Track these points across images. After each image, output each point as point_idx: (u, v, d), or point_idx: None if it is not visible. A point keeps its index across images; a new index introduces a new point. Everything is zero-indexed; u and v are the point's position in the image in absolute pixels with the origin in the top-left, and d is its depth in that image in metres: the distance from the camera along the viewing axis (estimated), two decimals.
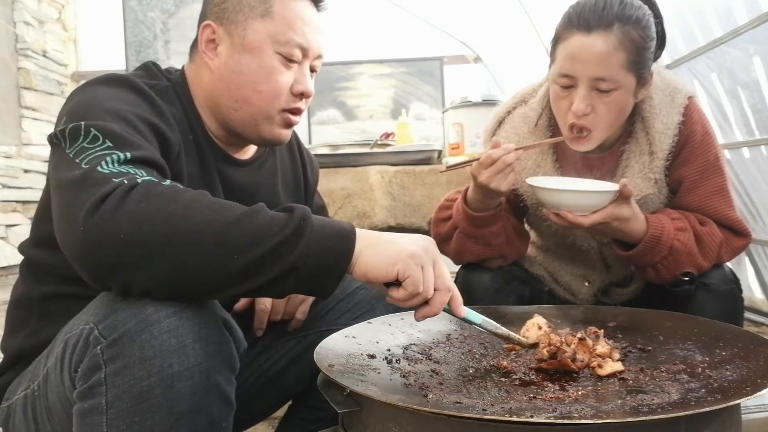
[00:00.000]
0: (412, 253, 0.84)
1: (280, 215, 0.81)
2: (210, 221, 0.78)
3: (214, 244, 0.77)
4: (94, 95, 0.97)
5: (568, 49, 1.31)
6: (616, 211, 1.29)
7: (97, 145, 0.86)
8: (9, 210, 4.62)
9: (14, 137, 4.76)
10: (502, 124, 1.55)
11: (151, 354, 0.77)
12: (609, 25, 1.28)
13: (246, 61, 1.08)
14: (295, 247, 0.79)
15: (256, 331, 1.19)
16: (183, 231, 0.77)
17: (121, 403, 0.77)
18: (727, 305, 1.37)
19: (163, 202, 0.79)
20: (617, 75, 1.29)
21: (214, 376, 0.81)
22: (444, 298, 0.87)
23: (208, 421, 0.81)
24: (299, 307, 1.20)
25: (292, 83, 1.10)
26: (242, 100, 1.09)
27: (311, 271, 0.80)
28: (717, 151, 1.42)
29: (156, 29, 4.79)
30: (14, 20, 4.79)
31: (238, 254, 0.78)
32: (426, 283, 0.84)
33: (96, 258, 0.78)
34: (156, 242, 0.76)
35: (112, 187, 0.79)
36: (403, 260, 0.83)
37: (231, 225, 0.78)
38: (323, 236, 0.81)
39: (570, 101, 1.33)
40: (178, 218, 0.77)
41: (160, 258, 0.77)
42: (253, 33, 1.08)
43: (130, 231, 0.76)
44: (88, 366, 0.79)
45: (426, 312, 0.88)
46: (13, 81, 4.77)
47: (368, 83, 4.51)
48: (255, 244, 0.78)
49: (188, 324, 0.79)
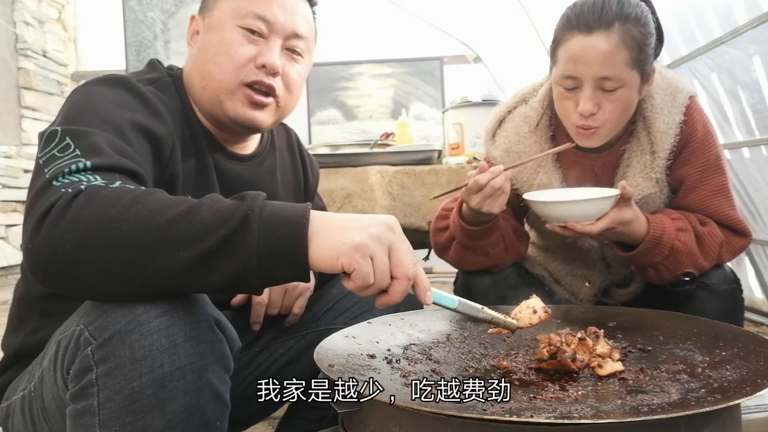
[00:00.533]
0: (358, 245, 0.78)
1: (228, 206, 0.79)
2: (150, 221, 0.76)
3: (155, 242, 0.76)
4: (89, 97, 0.98)
5: (570, 50, 1.31)
6: (619, 215, 1.29)
7: (66, 154, 0.87)
8: (9, 210, 4.62)
9: (14, 137, 4.76)
10: (503, 123, 1.55)
11: (142, 354, 0.77)
12: (609, 24, 1.28)
13: (210, 38, 1.11)
14: (243, 239, 0.76)
15: (253, 324, 1.19)
16: (124, 234, 0.76)
17: (113, 404, 0.77)
18: (727, 305, 1.38)
19: (105, 206, 0.77)
20: (621, 73, 1.29)
21: (207, 375, 0.81)
22: (402, 287, 0.82)
23: (201, 420, 0.81)
24: (296, 301, 1.20)
25: (255, 55, 1.10)
26: (206, 75, 1.10)
27: (268, 262, 0.77)
28: (718, 151, 1.42)
29: (156, 29, 4.79)
30: (14, 20, 4.78)
31: (183, 250, 0.76)
32: (378, 274, 0.79)
33: (44, 270, 0.79)
34: (98, 248, 0.76)
35: (55, 198, 0.79)
36: (347, 253, 0.78)
37: (172, 222, 0.76)
38: (271, 225, 0.77)
39: (575, 102, 1.33)
40: (118, 222, 0.76)
41: (104, 263, 0.76)
42: (218, 11, 1.12)
43: (73, 241, 0.76)
44: (79, 367, 0.79)
45: (385, 300, 0.83)
46: (13, 81, 4.77)
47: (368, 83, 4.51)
48: (197, 239, 0.76)
49: (179, 323, 0.79)
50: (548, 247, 1.60)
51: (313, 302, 1.25)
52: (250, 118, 1.11)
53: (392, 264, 0.81)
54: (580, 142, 1.39)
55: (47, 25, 5.05)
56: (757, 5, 2.21)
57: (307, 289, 1.20)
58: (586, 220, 1.29)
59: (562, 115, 1.39)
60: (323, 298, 1.26)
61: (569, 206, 1.29)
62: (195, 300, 0.83)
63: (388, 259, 0.80)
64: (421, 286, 0.85)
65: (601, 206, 1.28)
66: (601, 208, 1.28)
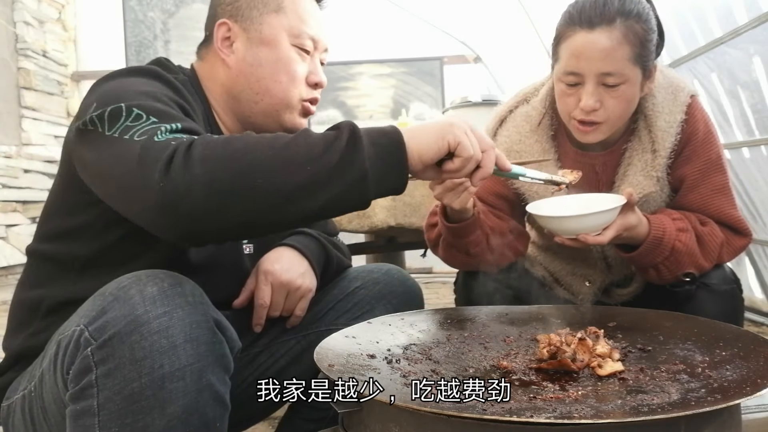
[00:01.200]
0: (453, 123, 0.90)
1: (330, 133, 0.87)
2: (273, 145, 0.83)
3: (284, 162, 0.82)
4: (121, 83, 0.98)
5: (572, 47, 1.31)
6: (626, 221, 1.30)
7: (141, 122, 0.87)
8: (9, 210, 4.62)
9: (14, 137, 4.77)
10: (504, 122, 1.55)
11: (142, 355, 0.77)
12: (611, 20, 1.29)
13: (264, 54, 1.13)
14: (356, 151, 0.84)
15: (255, 326, 1.19)
16: (253, 160, 0.81)
17: (112, 405, 0.77)
18: (727, 305, 1.38)
19: (224, 144, 0.82)
20: (624, 69, 1.30)
21: (207, 376, 0.81)
22: (491, 156, 0.94)
23: (201, 421, 0.81)
24: (298, 304, 1.20)
25: (307, 74, 1.16)
26: (263, 91, 1.14)
27: (378, 168, 0.86)
28: (719, 150, 1.42)
29: (156, 29, 4.79)
30: (14, 20, 4.79)
31: (309, 165, 0.83)
32: (474, 145, 0.91)
33: (184, 209, 0.80)
34: (233, 180, 0.80)
35: (174, 147, 0.81)
36: (450, 131, 0.89)
37: (291, 145, 0.84)
38: (373, 138, 0.87)
39: (577, 98, 1.33)
40: (242, 153, 0.82)
41: (241, 192, 0.80)
42: (269, 27, 1.13)
43: (207, 177, 0.79)
44: (79, 368, 0.79)
45: (481, 174, 0.94)
46: (13, 81, 4.78)
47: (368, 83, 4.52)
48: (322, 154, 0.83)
49: (179, 324, 0.79)
50: (548, 247, 1.60)
51: (314, 303, 1.24)
52: (301, 126, 1.18)
53: (478, 139, 0.93)
54: (580, 138, 1.39)
55: (47, 25, 5.06)
56: (757, 5, 2.22)
57: (309, 291, 1.20)
58: (593, 231, 1.29)
59: (562, 112, 1.40)
60: (324, 298, 1.26)
61: (577, 220, 1.29)
62: (195, 301, 0.83)
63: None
64: (501, 156, 0.98)
65: (609, 217, 1.28)
66: (609, 219, 1.28)
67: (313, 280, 1.21)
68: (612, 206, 1.28)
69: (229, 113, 1.17)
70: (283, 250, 1.20)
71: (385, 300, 1.25)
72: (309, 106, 1.18)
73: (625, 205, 1.29)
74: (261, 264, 1.18)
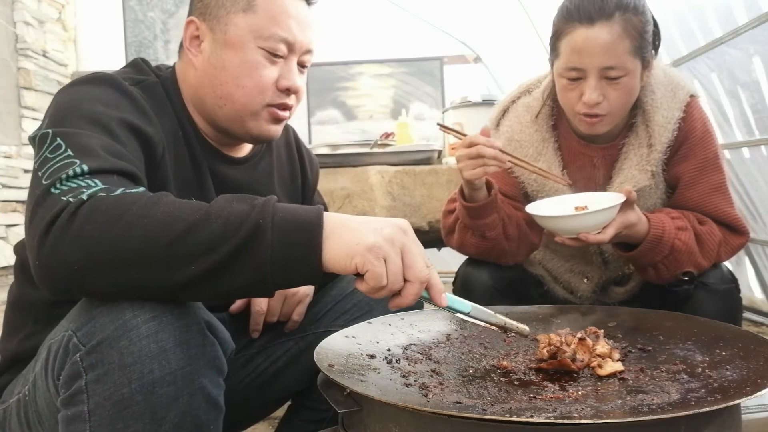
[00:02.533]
0: (372, 246, 0.78)
1: (239, 213, 0.78)
2: (159, 237, 0.75)
3: (165, 259, 0.75)
4: (75, 97, 0.97)
5: (573, 42, 1.33)
6: (625, 219, 1.31)
7: (58, 154, 0.86)
8: (9, 210, 4.62)
9: (14, 137, 4.76)
10: (506, 113, 1.58)
11: (131, 360, 0.76)
12: (610, 15, 1.31)
13: (228, 57, 1.07)
14: (257, 248, 0.76)
15: (252, 333, 1.19)
16: (132, 253, 0.75)
17: (103, 411, 0.77)
18: (725, 304, 1.38)
19: (109, 222, 0.76)
20: (625, 62, 1.32)
21: (199, 379, 0.80)
22: (415, 290, 0.81)
23: (194, 425, 0.80)
24: (296, 309, 1.19)
25: (278, 78, 1.08)
26: (225, 96, 1.08)
27: (282, 268, 0.77)
28: (716, 149, 1.43)
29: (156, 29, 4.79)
30: (14, 20, 4.78)
31: (194, 264, 0.76)
32: (391, 275, 0.79)
33: (53, 286, 0.79)
34: (106, 268, 0.76)
35: (57, 210, 0.78)
36: (360, 253, 0.78)
37: (181, 237, 0.75)
38: (285, 231, 0.77)
39: (579, 92, 1.35)
40: (124, 240, 0.75)
41: (113, 282, 0.77)
42: (235, 28, 1.07)
43: (80, 261, 0.75)
44: (69, 374, 0.78)
45: (398, 303, 0.83)
46: (13, 81, 4.77)
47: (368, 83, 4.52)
48: (209, 252, 0.76)
49: (168, 328, 0.78)
50: (546, 244, 1.61)
51: (312, 304, 1.24)
52: (270, 134, 1.12)
53: (405, 266, 0.80)
54: (585, 130, 1.41)
55: (47, 25, 5.05)
56: (757, 5, 2.22)
57: (306, 296, 1.20)
58: (594, 230, 1.29)
59: (566, 106, 1.41)
60: (322, 300, 1.26)
61: (577, 219, 1.29)
62: (185, 304, 0.82)
63: (401, 262, 0.80)
64: (435, 289, 0.84)
65: (609, 215, 1.28)
66: (609, 217, 1.28)
67: (310, 286, 1.20)
68: (611, 204, 1.28)
69: (200, 115, 1.12)
70: None
71: (385, 300, 1.25)
72: (278, 112, 1.10)
73: (625, 203, 1.29)
74: None
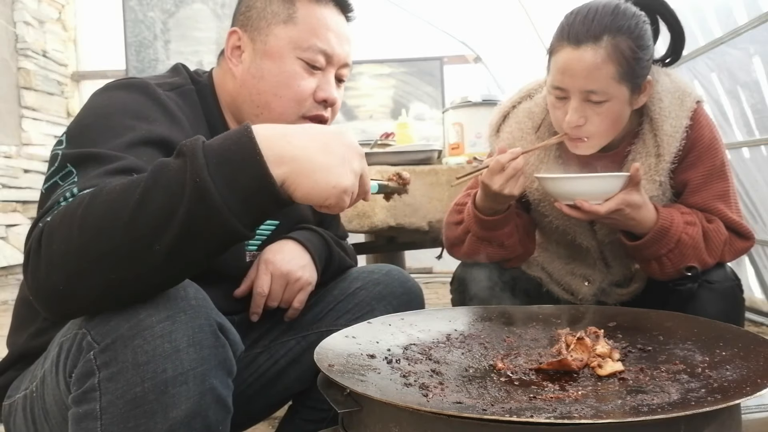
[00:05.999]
0: (347, 188, 0.81)
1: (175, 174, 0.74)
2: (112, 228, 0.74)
3: (127, 250, 0.74)
4: (106, 104, 0.99)
5: (559, 62, 1.32)
6: (628, 198, 1.29)
7: (67, 182, 0.88)
8: (9, 210, 4.63)
9: (14, 137, 4.77)
10: (507, 118, 1.56)
11: (144, 359, 0.77)
12: (597, 37, 1.28)
13: (267, 67, 1.10)
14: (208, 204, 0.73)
15: (252, 315, 1.19)
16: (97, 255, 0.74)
17: (115, 409, 0.77)
18: (728, 303, 1.37)
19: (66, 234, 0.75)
20: (607, 87, 1.29)
21: (210, 380, 0.81)
22: (356, 201, 0.87)
23: (204, 425, 0.81)
24: (297, 296, 1.20)
25: (315, 89, 1.12)
26: (263, 105, 1.11)
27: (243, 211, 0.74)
28: (723, 157, 1.42)
29: (156, 29, 4.79)
30: (14, 20, 4.79)
31: (157, 244, 0.73)
32: (350, 203, 0.84)
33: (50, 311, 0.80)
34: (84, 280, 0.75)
35: (33, 238, 0.79)
36: (336, 195, 0.80)
37: (130, 224, 0.73)
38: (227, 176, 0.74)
39: (565, 111, 1.34)
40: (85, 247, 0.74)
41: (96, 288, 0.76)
42: (275, 39, 1.10)
43: (59, 280, 0.75)
44: (81, 371, 0.79)
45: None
46: (13, 81, 4.78)
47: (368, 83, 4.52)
48: (164, 229, 0.73)
49: (182, 328, 0.79)
50: (547, 246, 1.60)
51: (315, 303, 1.25)
52: None
53: (359, 186, 0.86)
54: (572, 149, 1.40)
55: (47, 25, 5.06)
56: (757, 5, 2.22)
57: (309, 284, 1.20)
58: (594, 199, 1.29)
59: (554, 122, 1.41)
60: (324, 299, 1.26)
61: (578, 182, 1.30)
62: (198, 305, 0.83)
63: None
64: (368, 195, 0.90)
65: (610, 185, 1.29)
66: (610, 188, 1.29)
67: (313, 274, 1.21)
68: (612, 174, 1.29)
69: (235, 123, 1.16)
70: (286, 242, 1.21)
71: (386, 301, 1.25)
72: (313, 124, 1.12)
73: (631, 184, 1.29)
74: (263, 254, 1.19)
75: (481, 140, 2.41)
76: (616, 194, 1.29)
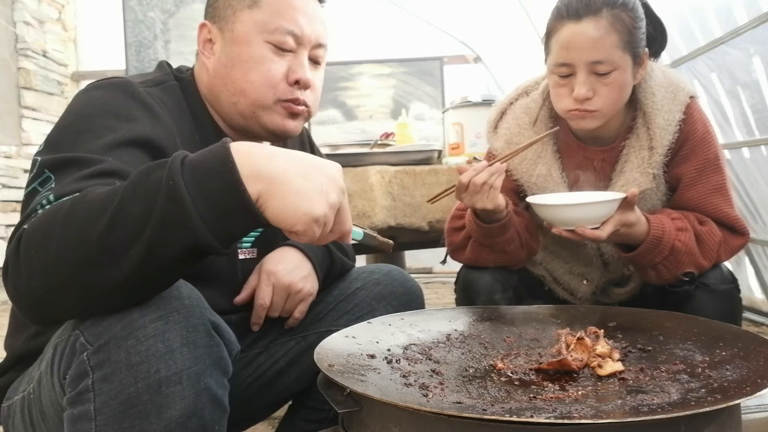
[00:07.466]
0: (318, 218, 0.77)
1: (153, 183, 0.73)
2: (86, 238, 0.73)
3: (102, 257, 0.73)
4: (88, 104, 0.98)
5: (561, 39, 1.35)
6: (624, 217, 1.31)
7: (44, 189, 0.87)
8: (9, 210, 4.63)
9: (14, 137, 4.76)
10: (504, 115, 1.58)
11: (138, 360, 0.76)
12: (597, 11, 1.32)
13: (236, 53, 1.09)
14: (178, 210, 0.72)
15: (253, 325, 1.19)
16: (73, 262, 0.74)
17: (109, 410, 0.77)
18: (725, 305, 1.38)
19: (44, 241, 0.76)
20: (613, 56, 1.33)
21: (205, 379, 0.80)
22: (332, 239, 0.84)
23: (200, 425, 0.80)
24: (298, 306, 1.20)
25: (287, 72, 1.09)
26: (238, 92, 1.09)
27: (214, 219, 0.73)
28: (717, 150, 1.43)
29: (156, 29, 4.78)
30: (14, 20, 4.78)
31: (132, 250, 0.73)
32: (321, 237, 0.80)
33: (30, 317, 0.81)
34: (62, 286, 0.75)
35: (9, 248, 0.79)
36: (305, 223, 0.77)
37: (107, 232, 0.73)
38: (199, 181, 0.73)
39: (570, 88, 1.36)
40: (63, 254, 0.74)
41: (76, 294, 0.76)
42: (241, 25, 1.09)
43: (39, 286, 0.76)
44: (75, 372, 0.79)
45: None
46: (13, 81, 4.77)
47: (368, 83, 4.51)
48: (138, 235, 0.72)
49: (175, 328, 0.78)
50: (546, 245, 1.61)
51: (315, 304, 1.24)
52: (287, 129, 1.12)
53: (335, 223, 0.82)
54: (575, 125, 1.42)
55: (47, 25, 5.05)
56: (757, 5, 2.22)
57: (310, 295, 1.20)
58: (591, 223, 1.29)
59: (557, 103, 1.42)
60: (324, 299, 1.26)
61: (575, 209, 1.29)
62: (192, 304, 0.82)
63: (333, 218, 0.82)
64: (347, 237, 0.87)
65: (607, 209, 1.28)
66: (607, 211, 1.28)
67: (314, 284, 1.20)
68: (609, 198, 1.28)
69: (219, 116, 1.15)
70: (287, 251, 1.20)
71: (386, 301, 1.25)
72: (292, 106, 1.10)
73: (624, 202, 1.29)
74: (264, 263, 1.18)
75: (481, 140, 2.41)
76: (612, 216, 1.30)
